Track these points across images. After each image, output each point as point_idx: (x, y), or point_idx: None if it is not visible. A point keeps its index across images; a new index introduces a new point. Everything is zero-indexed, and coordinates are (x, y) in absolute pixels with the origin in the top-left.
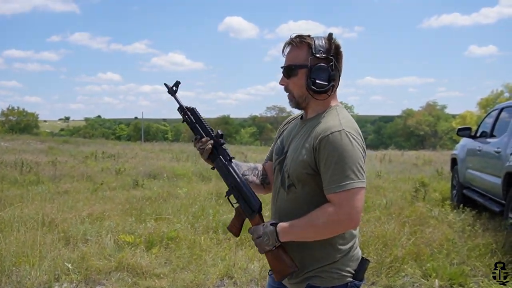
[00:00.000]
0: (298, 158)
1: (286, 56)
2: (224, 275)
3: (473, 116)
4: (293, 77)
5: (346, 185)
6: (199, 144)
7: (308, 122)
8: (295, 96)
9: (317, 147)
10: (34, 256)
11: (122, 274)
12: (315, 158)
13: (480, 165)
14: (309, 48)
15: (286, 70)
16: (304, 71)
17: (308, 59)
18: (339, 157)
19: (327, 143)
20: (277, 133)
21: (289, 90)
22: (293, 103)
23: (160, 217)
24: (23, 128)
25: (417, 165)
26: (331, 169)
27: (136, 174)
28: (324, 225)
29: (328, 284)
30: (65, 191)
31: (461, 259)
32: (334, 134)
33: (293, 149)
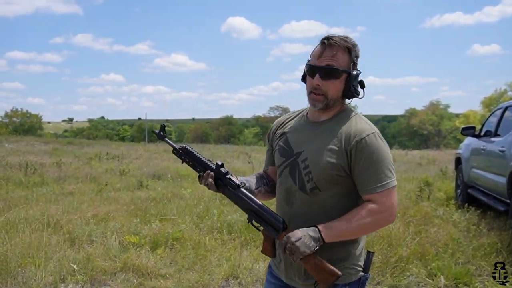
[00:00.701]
0: (324, 160)
1: (328, 56)
2: (229, 276)
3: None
4: (334, 79)
5: (386, 184)
6: (203, 180)
7: (324, 124)
8: (328, 98)
9: (352, 150)
10: (40, 257)
11: (128, 274)
12: (349, 160)
13: (484, 164)
14: (349, 53)
15: (329, 71)
16: (345, 76)
17: (350, 65)
18: (377, 159)
19: (364, 146)
20: (271, 135)
21: (322, 92)
22: (322, 105)
23: (165, 217)
24: (27, 130)
25: (421, 165)
26: (370, 170)
27: (141, 175)
28: (369, 223)
29: (346, 281)
30: (70, 192)
31: (466, 258)
32: (370, 136)
33: (315, 151)
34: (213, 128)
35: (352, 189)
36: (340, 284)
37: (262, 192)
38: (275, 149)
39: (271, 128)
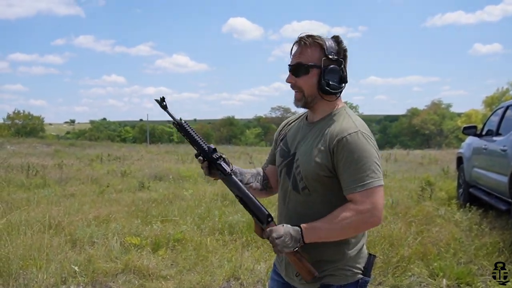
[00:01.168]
0: (312, 160)
1: (296, 54)
2: (231, 276)
3: (478, 114)
4: (304, 75)
5: (367, 184)
6: (199, 162)
7: (316, 124)
8: (305, 95)
9: (334, 149)
10: (41, 259)
11: (129, 276)
12: (332, 160)
13: (486, 163)
14: (321, 49)
15: (297, 68)
16: (316, 71)
17: (321, 60)
18: (359, 157)
19: (345, 145)
20: (277, 135)
21: (297, 88)
22: (301, 102)
23: (166, 219)
24: (29, 132)
25: (423, 164)
26: (351, 169)
27: (142, 176)
28: (349, 224)
29: (341, 282)
30: (72, 194)
31: (468, 258)
32: (352, 135)
33: (304, 151)
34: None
35: (340, 189)
36: (334, 285)
37: (253, 187)
38: (277, 150)
39: (277, 132)
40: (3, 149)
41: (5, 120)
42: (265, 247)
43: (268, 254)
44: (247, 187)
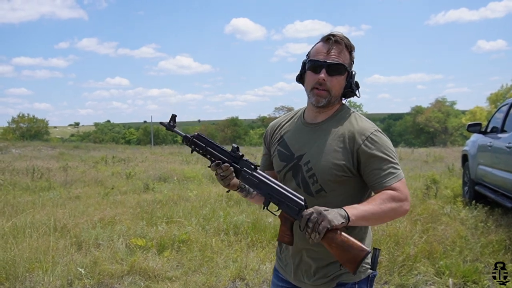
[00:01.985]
0: (329, 162)
1: (335, 53)
2: (236, 277)
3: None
4: (338, 76)
5: (399, 175)
6: (220, 171)
7: (321, 125)
8: (332, 94)
9: (359, 149)
10: (47, 262)
11: (135, 278)
12: (354, 160)
13: (491, 160)
14: (350, 53)
15: (335, 67)
16: (347, 74)
17: (351, 64)
18: (387, 153)
19: (373, 143)
20: (269, 138)
21: (327, 87)
22: (325, 101)
23: (171, 220)
24: (34, 135)
25: (428, 162)
26: (384, 164)
27: (147, 178)
28: (391, 210)
29: (356, 279)
30: (77, 196)
31: (475, 256)
32: (374, 133)
33: (318, 153)
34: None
35: (357, 189)
36: (349, 283)
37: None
38: (274, 154)
39: (266, 132)
40: (8, 152)
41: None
42: (270, 247)
43: (273, 255)
44: (253, 195)
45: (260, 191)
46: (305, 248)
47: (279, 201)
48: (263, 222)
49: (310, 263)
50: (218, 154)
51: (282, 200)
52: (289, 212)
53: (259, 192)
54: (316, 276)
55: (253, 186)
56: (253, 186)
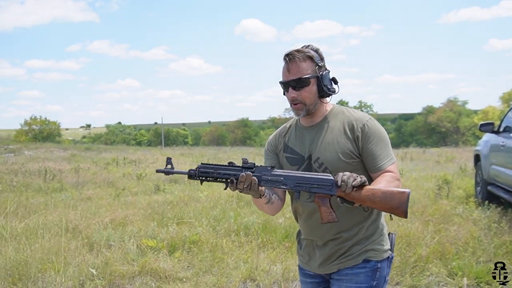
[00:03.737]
0: (337, 152)
1: (293, 70)
2: (247, 278)
3: (495, 111)
4: (306, 87)
5: (393, 158)
6: (242, 184)
7: (319, 125)
8: (307, 104)
9: (358, 135)
10: (59, 263)
11: (146, 278)
12: (357, 145)
13: (504, 160)
14: (311, 59)
15: (298, 82)
16: (314, 81)
17: (315, 69)
18: (382, 138)
19: (369, 129)
20: (272, 149)
21: (299, 101)
22: (304, 111)
23: (182, 221)
24: (46, 137)
25: (440, 163)
26: (380, 148)
27: (157, 179)
28: (396, 187)
29: (378, 258)
30: (88, 198)
31: (488, 257)
32: (369, 121)
33: (324, 148)
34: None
35: (363, 171)
36: (373, 261)
37: (274, 202)
38: (282, 162)
39: (268, 144)
40: (21, 154)
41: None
42: (281, 248)
43: (284, 255)
44: (273, 201)
45: (287, 186)
46: (331, 238)
47: (309, 186)
48: (274, 223)
49: (337, 249)
50: (231, 171)
51: (312, 183)
52: (323, 190)
53: (287, 187)
54: (343, 256)
55: (279, 184)
56: (279, 184)
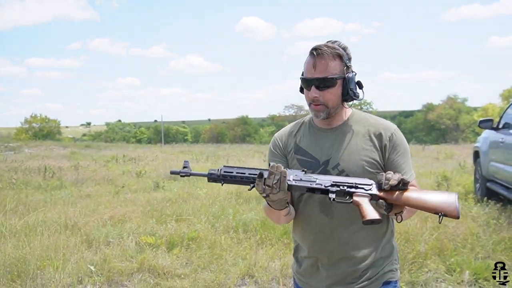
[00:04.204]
0: (361, 160)
1: (320, 67)
2: (245, 274)
3: (495, 108)
4: (331, 88)
5: (413, 173)
6: (272, 177)
7: (340, 128)
8: (329, 107)
9: (386, 145)
10: (58, 259)
11: (144, 275)
12: (383, 155)
13: (503, 157)
14: (340, 58)
15: (323, 82)
16: (340, 82)
17: (343, 70)
18: (407, 150)
19: (396, 139)
20: (281, 150)
21: (321, 102)
22: (324, 114)
23: (181, 218)
24: (46, 135)
25: (439, 159)
26: (405, 161)
27: (157, 176)
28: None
29: (395, 278)
30: (87, 195)
31: (486, 253)
32: (397, 130)
33: (347, 154)
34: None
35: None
36: (392, 282)
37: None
38: (292, 163)
39: (275, 142)
40: (21, 152)
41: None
42: (279, 245)
43: (282, 252)
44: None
45: (322, 185)
46: (341, 257)
47: (348, 187)
48: None
49: (350, 271)
50: (255, 169)
51: (350, 183)
52: (363, 192)
53: (321, 187)
54: (360, 280)
55: (312, 183)
56: (312, 184)
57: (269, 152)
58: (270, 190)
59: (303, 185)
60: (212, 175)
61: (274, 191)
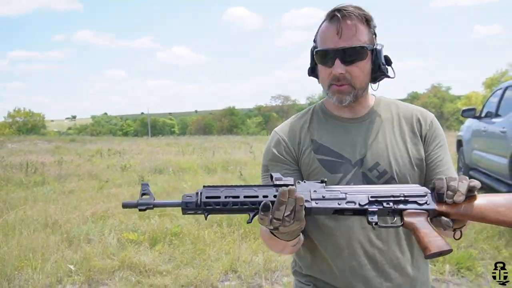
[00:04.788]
0: (406, 156)
1: (347, 33)
2: (228, 269)
3: (478, 96)
4: (360, 61)
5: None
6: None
7: (371, 116)
8: (357, 87)
9: (427, 134)
10: (37, 259)
11: (125, 273)
12: (424, 147)
13: (486, 145)
14: (369, 24)
15: (351, 53)
16: (370, 54)
17: (373, 38)
18: (446, 141)
19: (436, 128)
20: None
21: (348, 81)
22: (351, 97)
23: (164, 213)
24: (31, 129)
25: None
26: (446, 154)
27: (142, 170)
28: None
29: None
30: (70, 191)
31: (469, 242)
32: (434, 119)
33: (387, 150)
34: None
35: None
36: None
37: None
38: (313, 167)
39: (280, 146)
40: (3, 147)
41: (6, 119)
42: None
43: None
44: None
45: (356, 205)
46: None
47: (394, 202)
48: None
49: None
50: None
51: (396, 195)
52: (417, 207)
53: (355, 206)
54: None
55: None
56: (341, 203)
57: (268, 157)
58: (281, 223)
59: (328, 207)
60: (189, 205)
61: (286, 224)
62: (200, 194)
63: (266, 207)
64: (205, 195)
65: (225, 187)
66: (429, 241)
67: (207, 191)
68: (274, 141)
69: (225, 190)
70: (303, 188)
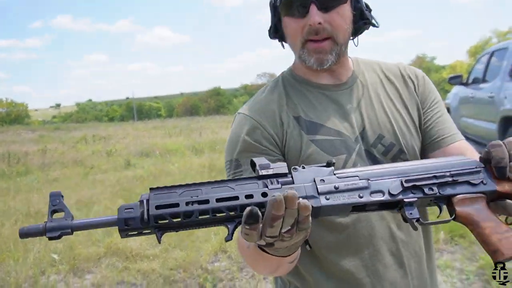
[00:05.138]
0: (412, 122)
1: None
2: (218, 250)
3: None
4: (339, 6)
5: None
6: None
7: (357, 79)
8: (339, 42)
9: (421, 89)
10: (18, 251)
11: (112, 259)
12: (421, 104)
13: (474, 112)
14: None
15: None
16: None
17: None
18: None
19: (429, 81)
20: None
21: (328, 33)
22: (333, 57)
23: None
24: (14, 119)
25: None
26: (445, 113)
27: (128, 154)
28: None
29: None
30: (55, 179)
31: None
32: (424, 74)
33: (388, 118)
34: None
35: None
36: None
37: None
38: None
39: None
40: None
41: None
42: None
43: None
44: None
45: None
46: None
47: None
48: None
49: None
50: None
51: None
52: (468, 187)
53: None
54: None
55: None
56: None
57: (238, 148)
58: (277, 239)
59: (346, 202)
60: (130, 223)
61: (286, 239)
62: (147, 203)
63: (253, 217)
64: (155, 203)
65: (185, 187)
66: (499, 240)
67: (157, 197)
68: (246, 126)
69: (185, 192)
70: (304, 178)
